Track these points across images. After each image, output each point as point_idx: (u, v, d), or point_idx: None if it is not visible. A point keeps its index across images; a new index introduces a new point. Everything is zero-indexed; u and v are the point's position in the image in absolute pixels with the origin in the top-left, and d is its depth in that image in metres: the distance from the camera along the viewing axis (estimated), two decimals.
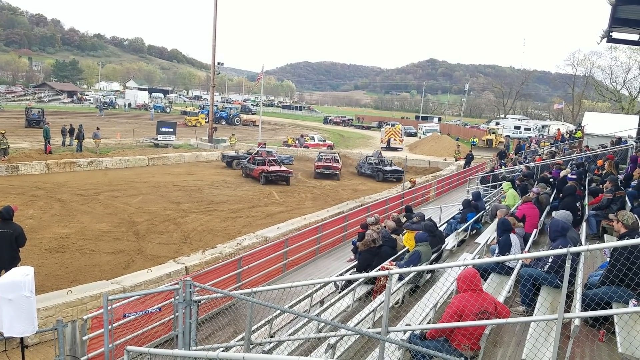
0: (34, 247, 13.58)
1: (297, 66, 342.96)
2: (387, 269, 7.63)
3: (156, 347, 7.32)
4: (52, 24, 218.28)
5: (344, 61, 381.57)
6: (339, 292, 7.96)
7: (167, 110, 77.10)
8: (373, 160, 32.87)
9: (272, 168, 27.30)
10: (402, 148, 47.68)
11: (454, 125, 78.49)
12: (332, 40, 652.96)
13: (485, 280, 6.80)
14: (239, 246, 13.28)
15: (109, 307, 5.62)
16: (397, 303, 7.25)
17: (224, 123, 60.79)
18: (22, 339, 6.35)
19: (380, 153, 35.26)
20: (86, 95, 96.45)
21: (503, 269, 7.14)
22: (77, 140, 31.34)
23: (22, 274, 6.05)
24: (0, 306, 6.07)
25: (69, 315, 8.66)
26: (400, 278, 7.32)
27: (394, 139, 48.06)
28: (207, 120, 50.91)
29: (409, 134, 62.79)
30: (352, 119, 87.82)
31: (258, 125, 61.62)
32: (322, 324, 6.19)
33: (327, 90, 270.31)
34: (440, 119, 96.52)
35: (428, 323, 5.61)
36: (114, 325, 6.29)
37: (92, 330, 6.84)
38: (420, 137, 60.37)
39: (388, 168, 31.81)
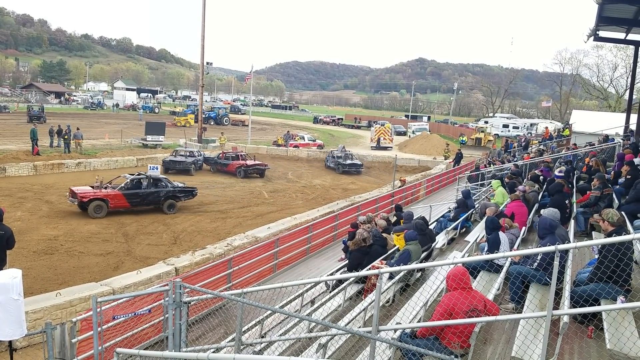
0: (22, 249, 13.44)
1: (287, 66, 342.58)
2: (378, 268, 7.64)
3: (146, 349, 7.27)
4: (39, 24, 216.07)
5: (334, 61, 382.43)
6: (330, 292, 7.97)
7: (156, 110, 76.57)
8: (336, 154, 34.54)
9: (250, 162, 29.43)
10: (392, 147, 47.78)
11: (444, 124, 78.83)
12: (322, 40, 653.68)
13: (474, 278, 6.84)
14: (229, 247, 13.23)
15: (98, 309, 5.57)
16: (387, 302, 7.26)
17: (212, 123, 60.49)
18: (10, 342, 6.27)
19: (344, 147, 36.88)
20: (74, 95, 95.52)
21: (492, 267, 7.17)
22: (64, 139, 31.06)
23: (10, 277, 5.96)
24: None
25: (58, 318, 8.57)
26: (391, 277, 7.34)
27: (384, 138, 48.15)
28: (196, 121, 50.67)
29: (399, 133, 62.94)
30: (342, 119, 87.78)
31: (247, 125, 61.56)
32: (313, 324, 6.19)
33: (317, 90, 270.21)
34: (429, 118, 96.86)
35: (418, 321, 5.63)
36: (104, 327, 6.23)
37: (82, 332, 6.78)
38: (409, 136, 60.51)
39: (348, 162, 33.51)
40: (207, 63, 43.00)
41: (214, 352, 5.40)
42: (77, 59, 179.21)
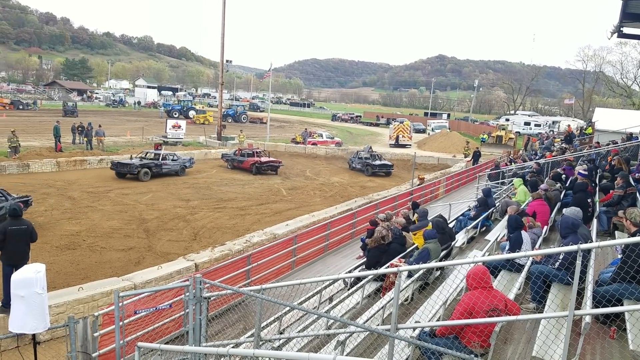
0: (45, 244, 13.72)
1: (305, 63, 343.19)
2: (396, 266, 7.62)
3: (167, 343, 7.37)
4: (62, 23, 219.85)
5: (353, 58, 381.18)
6: (348, 289, 7.97)
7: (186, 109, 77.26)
8: (363, 155, 33.05)
9: (264, 159, 29.43)
10: (410, 145, 47.51)
11: (464, 121, 78.06)
12: (341, 37, 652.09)
13: (495, 277, 6.77)
14: (248, 243, 13.33)
15: (120, 304, 5.67)
16: (406, 300, 7.24)
17: (230, 120, 60.89)
18: (34, 335, 6.41)
19: (371, 147, 35.48)
20: (96, 93, 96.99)
21: (513, 266, 7.10)
22: (86, 139, 31.61)
23: (34, 271, 6.11)
24: (12, 303, 6.14)
25: (80, 312, 8.74)
26: (410, 275, 7.31)
27: (403, 136, 47.89)
28: (215, 118, 51.08)
29: (418, 131, 62.53)
30: (360, 116, 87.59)
31: (265, 123, 61.75)
32: (332, 321, 6.20)
33: (336, 87, 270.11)
34: (449, 116, 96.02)
35: (438, 320, 5.60)
36: (125, 321, 6.34)
37: (103, 326, 6.90)
38: (429, 134, 60.11)
39: (377, 162, 32.15)
40: (227, 61, 43.26)
41: (233, 347, 5.45)
42: (99, 56, 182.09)
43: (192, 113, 63.26)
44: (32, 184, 21.48)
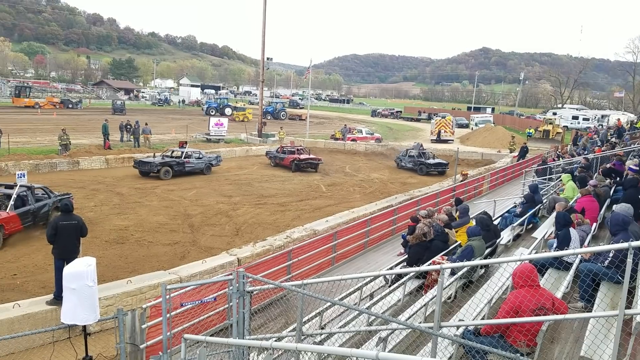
0: (95, 238, 14.25)
1: (345, 59, 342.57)
2: (439, 263, 7.53)
3: (211, 335, 7.55)
4: (108, 23, 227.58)
5: (393, 52, 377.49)
6: (389, 286, 7.93)
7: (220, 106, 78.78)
8: (414, 153, 31.22)
9: (302, 156, 29.08)
10: (453, 140, 46.69)
11: (509, 115, 76.02)
12: (381, 32, 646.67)
13: (542, 275, 6.61)
14: (288, 239, 13.44)
15: (167, 297, 5.84)
16: (449, 298, 7.15)
17: (269, 117, 61.53)
18: (84, 326, 6.69)
19: (422, 145, 33.56)
20: (142, 92, 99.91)
21: (561, 264, 6.90)
22: (133, 136, 32.64)
23: (85, 265, 6.37)
24: (64, 295, 6.43)
25: (129, 304, 9.02)
26: (453, 273, 7.22)
27: (445, 131, 47.11)
28: (254, 115, 51.75)
29: (461, 126, 61.38)
30: (400, 111, 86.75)
31: (304, 119, 61.94)
32: (372, 317, 6.19)
33: (375, 83, 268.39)
34: (493, 110, 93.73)
35: (482, 319, 5.51)
36: (172, 314, 6.52)
37: (151, 318, 7.12)
38: (472, 129, 58.90)
39: (431, 161, 30.40)
40: (268, 59, 43.72)
41: (275, 341, 5.53)
42: (144, 56, 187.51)
43: (228, 110, 64.33)
44: (82, 180, 22.36)
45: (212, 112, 63.04)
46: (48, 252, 9.82)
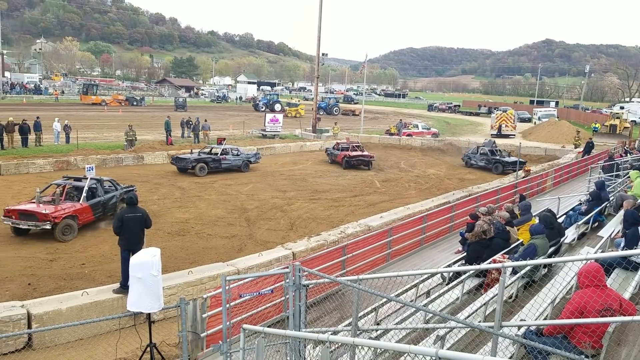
0: (158, 230, 14.83)
1: (401, 53, 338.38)
2: (500, 262, 7.31)
3: (269, 327, 7.69)
4: (170, 23, 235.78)
5: (451, 45, 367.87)
6: (446, 284, 7.77)
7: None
8: (487, 150, 29.61)
9: (353, 153, 28.40)
10: (514, 135, 45.05)
11: (573, 109, 72.54)
12: (438, 24, 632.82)
13: (609, 275, 6.27)
14: (342, 234, 13.46)
15: (227, 287, 5.99)
16: (510, 297, 6.93)
17: (322, 113, 61.72)
18: (149, 314, 6.97)
19: (494, 143, 31.93)
20: (201, 89, 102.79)
21: (630, 264, 6.53)
22: (193, 132, 33.66)
23: (151, 255, 6.62)
24: (130, 284, 6.72)
25: (190, 294, 9.35)
26: (514, 272, 6.99)
27: (506, 125, 45.49)
28: (307, 111, 52.02)
29: (523, 120, 59.24)
30: (459, 105, 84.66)
31: (358, 115, 61.55)
32: (429, 315, 6.09)
33: (432, 76, 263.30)
34: (557, 104, 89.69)
35: (545, 319, 5.30)
36: (231, 304, 6.69)
37: (211, 308, 7.33)
38: (535, 123, 56.66)
39: (508, 159, 28.57)
40: (323, 54, 43.75)
41: (331, 334, 5.55)
42: (204, 54, 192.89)
43: (277, 106, 65.18)
44: (146, 174, 23.33)
45: (262, 108, 64.18)
46: (114, 243, 10.30)
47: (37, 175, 22.05)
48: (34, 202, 14.09)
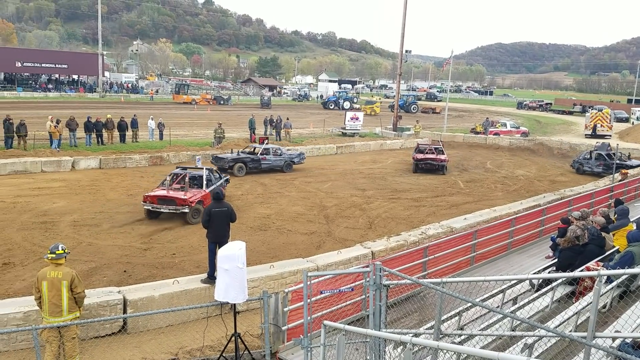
0: (242, 224, 15.35)
1: (489, 49, 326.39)
2: (594, 269, 6.85)
3: (348, 324, 7.74)
4: (256, 24, 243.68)
5: (542, 40, 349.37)
6: (535, 291, 7.40)
7: (355, 100, 79.99)
8: (603, 154, 26.58)
9: (420, 155, 26.33)
10: (610, 135, 41.92)
11: None
12: (529, 18, 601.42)
13: None
14: (423, 235, 13.19)
15: (308, 283, 6.10)
16: (603, 307, 6.48)
17: (399, 111, 60.79)
18: (234, 305, 7.26)
19: (609, 145, 28.44)
20: (284, 88, 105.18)
21: None
22: (275, 130, 34.55)
23: (237, 248, 6.90)
24: (218, 275, 7.03)
25: (271, 288, 9.58)
26: (609, 281, 6.54)
27: (601, 125, 42.42)
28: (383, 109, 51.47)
29: (620, 120, 55.00)
30: (550, 103, 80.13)
31: (438, 113, 59.96)
32: (516, 322, 5.84)
33: (522, 73, 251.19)
34: None
35: None
36: (312, 299, 6.80)
37: (292, 302, 7.49)
38: (632, 123, 52.43)
39: (631, 163, 25.70)
40: (406, 51, 43.19)
41: (412, 336, 5.48)
42: (287, 54, 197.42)
43: (347, 104, 65.09)
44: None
45: (331, 105, 64.56)
46: (202, 235, 10.82)
47: (133, 169, 23.67)
48: (164, 189, 15.95)
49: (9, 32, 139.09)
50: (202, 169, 17.26)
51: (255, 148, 24.96)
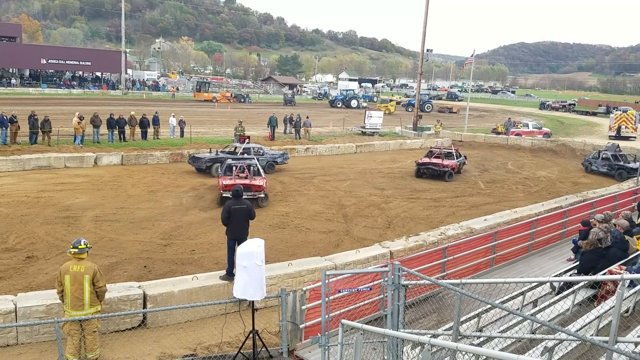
0: (260, 222, 15.42)
1: (511, 48, 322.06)
2: (617, 273, 6.74)
3: (366, 324, 7.74)
4: (277, 22, 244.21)
5: (566, 40, 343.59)
6: (556, 294, 7.31)
7: (374, 99, 79.71)
8: (610, 155, 26.66)
9: (421, 160, 24.71)
10: (635, 137, 41.03)
11: None
12: (553, 17, 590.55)
13: None
14: (442, 235, 13.12)
15: (327, 281, 6.12)
16: (626, 311, 6.37)
17: (410, 110, 60.31)
18: (252, 302, 7.31)
19: (618, 146, 28.53)
20: (304, 87, 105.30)
21: None
22: (294, 129, 34.62)
23: (256, 245, 6.94)
24: (237, 272, 7.08)
25: (289, 286, 9.61)
26: (632, 285, 6.42)
27: (626, 127, 41.54)
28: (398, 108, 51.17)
29: None
30: (574, 104, 78.77)
31: (456, 112, 59.25)
32: (536, 325, 5.77)
33: (545, 73, 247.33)
34: None
35: None
36: (330, 298, 6.82)
37: (310, 301, 7.52)
38: None
39: (634, 165, 25.17)
40: (427, 50, 42.86)
41: (431, 337, 5.46)
42: (308, 52, 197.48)
43: (354, 102, 64.83)
44: None
45: (338, 104, 64.58)
46: (221, 232, 10.89)
47: (154, 166, 23.98)
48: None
49: (35, 30, 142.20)
50: (252, 158, 20.47)
51: (235, 147, 23.70)
